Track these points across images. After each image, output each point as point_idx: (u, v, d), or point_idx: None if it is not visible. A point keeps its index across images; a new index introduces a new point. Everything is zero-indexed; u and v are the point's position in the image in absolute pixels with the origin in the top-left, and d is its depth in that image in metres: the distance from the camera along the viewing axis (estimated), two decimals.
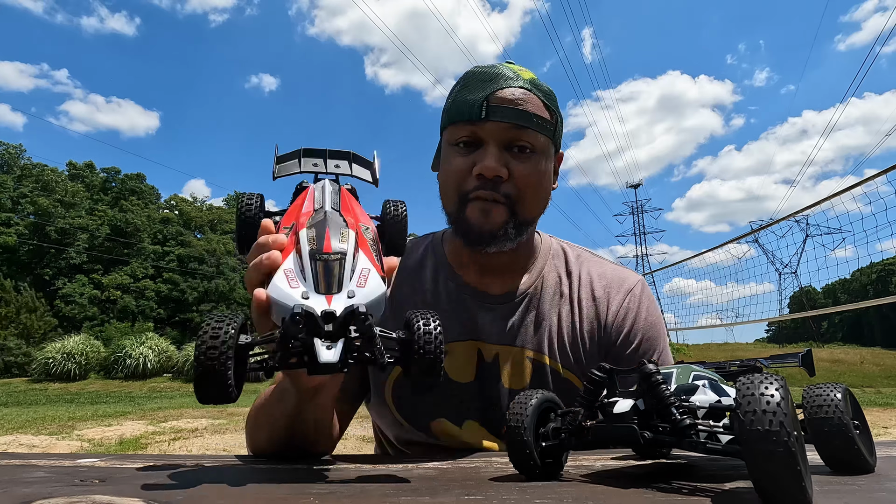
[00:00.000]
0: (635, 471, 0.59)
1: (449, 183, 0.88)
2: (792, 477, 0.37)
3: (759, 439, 0.38)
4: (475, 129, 0.84)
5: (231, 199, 44.38)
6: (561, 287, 0.95)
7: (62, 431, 6.54)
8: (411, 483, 0.53)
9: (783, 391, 0.39)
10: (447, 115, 0.89)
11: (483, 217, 0.84)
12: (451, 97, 0.89)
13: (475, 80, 0.86)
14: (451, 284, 0.95)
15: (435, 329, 0.51)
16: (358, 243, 0.55)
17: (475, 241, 0.86)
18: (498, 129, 0.83)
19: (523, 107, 0.83)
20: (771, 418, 0.37)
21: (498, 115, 0.82)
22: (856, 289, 57.15)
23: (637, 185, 59.62)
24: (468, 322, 0.92)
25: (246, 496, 0.47)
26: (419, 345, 0.50)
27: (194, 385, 0.45)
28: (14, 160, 33.36)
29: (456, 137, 0.86)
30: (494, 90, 0.83)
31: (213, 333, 0.45)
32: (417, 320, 0.52)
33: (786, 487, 0.38)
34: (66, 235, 29.26)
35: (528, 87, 0.85)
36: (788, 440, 0.37)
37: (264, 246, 0.56)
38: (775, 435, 0.37)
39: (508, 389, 0.90)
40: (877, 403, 10.35)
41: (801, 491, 0.37)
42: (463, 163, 0.85)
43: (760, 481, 0.39)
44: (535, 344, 0.91)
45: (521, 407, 0.53)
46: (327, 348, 0.47)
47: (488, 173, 0.82)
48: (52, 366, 18.30)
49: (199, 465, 0.62)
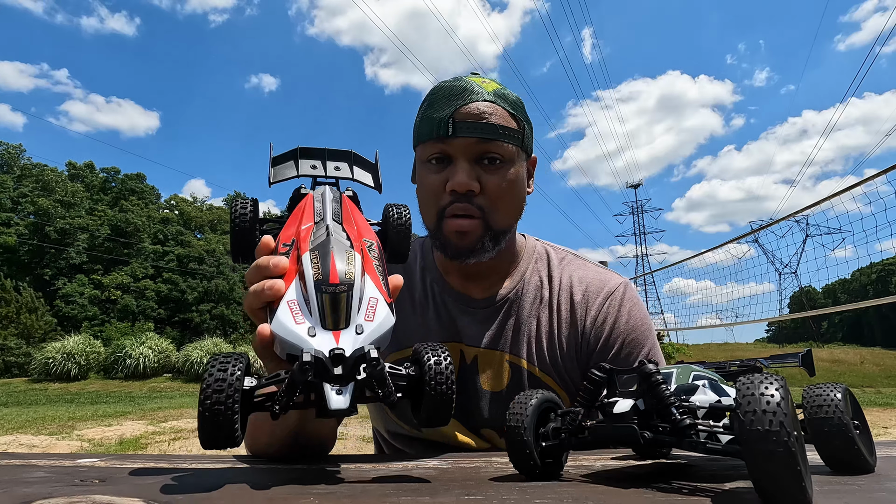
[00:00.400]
0: (635, 471, 0.59)
1: (425, 200, 0.90)
2: (792, 477, 0.37)
3: (759, 439, 0.37)
4: (444, 147, 0.86)
5: (231, 200, 44.37)
6: (542, 292, 0.97)
7: (62, 431, 6.54)
8: (411, 483, 0.53)
9: (783, 391, 0.39)
10: (416, 134, 0.91)
11: (459, 237, 0.87)
12: (419, 115, 0.91)
13: (440, 97, 0.87)
14: (437, 288, 0.98)
15: (447, 368, 0.50)
16: (364, 267, 0.53)
17: (454, 256, 0.89)
18: (465, 145, 0.85)
19: (489, 119, 0.85)
20: (771, 418, 0.37)
21: (464, 131, 0.84)
22: (856, 289, 57.14)
23: (637, 185, 59.62)
24: (450, 324, 0.95)
25: (246, 496, 0.47)
26: (430, 385, 0.49)
27: (199, 431, 0.44)
28: (14, 160, 33.37)
29: (427, 155, 0.88)
30: (459, 106, 0.85)
31: (219, 378, 0.44)
32: (428, 356, 0.50)
33: (786, 487, 0.38)
34: (66, 235, 29.26)
35: (491, 99, 0.86)
36: (788, 440, 0.37)
37: (265, 269, 0.54)
38: (775, 435, 0.37)
39: (488, 392, 0.93)
40: (877, 403, 10.35)
41: (801, 491, 0.37)
42: (436, 179, 0.87)
43: (760, 481, 0.38)
44: (513, 348, 0.93)
45: (522, 407, 0.53)
46: (337, 393, 0.46)
47: (460, 189, 0.84)
48: (52, 366, 18.30)
49: (199, 466, 0.62)
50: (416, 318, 0.97)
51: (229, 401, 0.43)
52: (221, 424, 0.43)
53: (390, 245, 0.64)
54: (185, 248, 32.19)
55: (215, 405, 0.43)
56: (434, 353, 0.51)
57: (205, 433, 0.44)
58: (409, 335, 0.95)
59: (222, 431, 0.44)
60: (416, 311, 0.97)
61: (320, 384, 0.46)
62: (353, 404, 0.46)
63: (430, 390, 0.49)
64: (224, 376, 0.44)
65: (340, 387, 0.46)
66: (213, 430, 0.44)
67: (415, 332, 0.95)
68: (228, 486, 0.50)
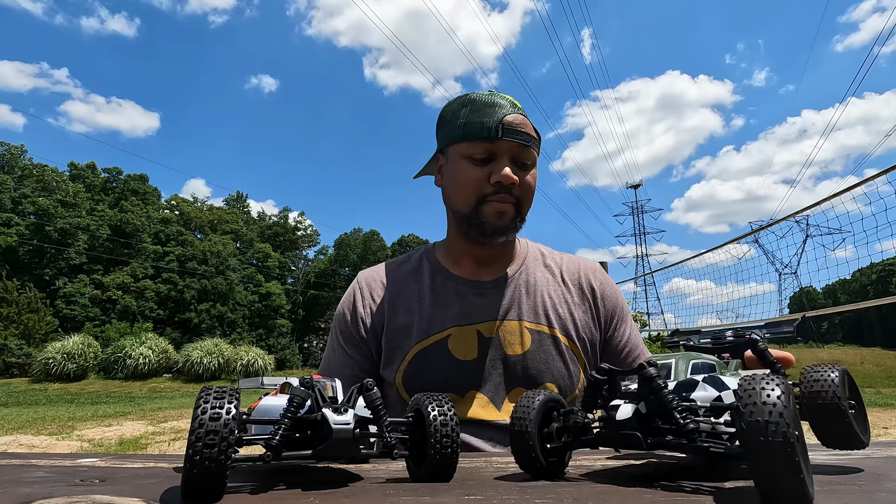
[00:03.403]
0: (635, 470, 0.59)
1: (463, 188, 1.04)
2: (791, 469, 0.37)
3: (758, 431, 0.38)
4: (492, 147, 1.01)
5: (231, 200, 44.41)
6: (545, 271, 1.14)
7: (62, 431, 6.54)
8: (411, 483, 0.53)
9: (783, 387, 0.39)
10: (461, 133, 1.03)
11: (497, 217, 1.03)
12: (459, 118, 1.04)
13: (482, 105, 1.03)
14: (449, 282, 1.11)
15: (450, 421, 0.50)
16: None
17: (489, 234, 1.04)
18: (510, 147, 1.01)
19: (525, 130, 1.02)
20: (771, 409, 0.38)
21: (510, 136, 1.00)
22: (856, 289, 57.13)
23: (637, 186, 59.65)
24: (466, 308, 1.07)
25: (246, 496, 0.47)
26: (435, 449, 0.49)
27: (183, 484, 0.41)
28: (15, 160, 33.38)
29: (473, 152, 1.02)
30: (504, 115, 1.01)
31: (210, 430, 0.40)
32: (431, 407, 0.50)
33: (785, 481, 0.37)
34: (66, 236, 29.27)
35: (523, 113, 1.04)
36: (787, 431, 0.37)
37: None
38: (775, 426, 0.37)
39: (511, 356, 1.04)
40: (877, 403, 10.36)
41: (801, 485, 0.37)
42: (481, 173, 1.02)
43: (760, 476, 0.38)
44: (529, 315, 1.07)
45: (525, 410, 0.54)
46: (336, 412, 0.46)
47: (508, 181, 1.00)
48: (52, 366, 18.32)
49: None
50: (435, 310, 1.07)
51: (221, 456, 0.40)
52: (210, 483, 0.41)
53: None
54: (185, 249, 32.21)
55: (205, 461, 0.40)
56: (437, 405, 0.50)
57: (189, 488, 0.41)
58: (430, 325, 1.06)
59: (210, 489, 0.41)
60: (434, 304, 1.08)
61: (319, 408, 0.46)
62: (355, 435, 0.46)
63: (434, 453, 0.49)
64: (216, 427, 0.40)
65: (341, 409, 0.46)
66: (202, 486, 0.41)
67: (435, 321, 1.06)
68: (228, 486, 0.50)
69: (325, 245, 45.75)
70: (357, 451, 0.48)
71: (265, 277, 36.53)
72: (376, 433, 0.50)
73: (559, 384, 1.04)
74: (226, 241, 34.30)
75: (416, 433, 0.52)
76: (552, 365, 1.04)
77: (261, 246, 38.85)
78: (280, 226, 44.21)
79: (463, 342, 1.04)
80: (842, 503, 0.42)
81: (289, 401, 0.47)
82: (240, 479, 0.55)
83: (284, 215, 45.22)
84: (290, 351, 34.17)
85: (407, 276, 1.13)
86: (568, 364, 1.05)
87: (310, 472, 0.59)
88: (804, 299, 46.59)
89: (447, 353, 1.03)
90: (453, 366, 1.02)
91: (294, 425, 0.48)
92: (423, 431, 0.51)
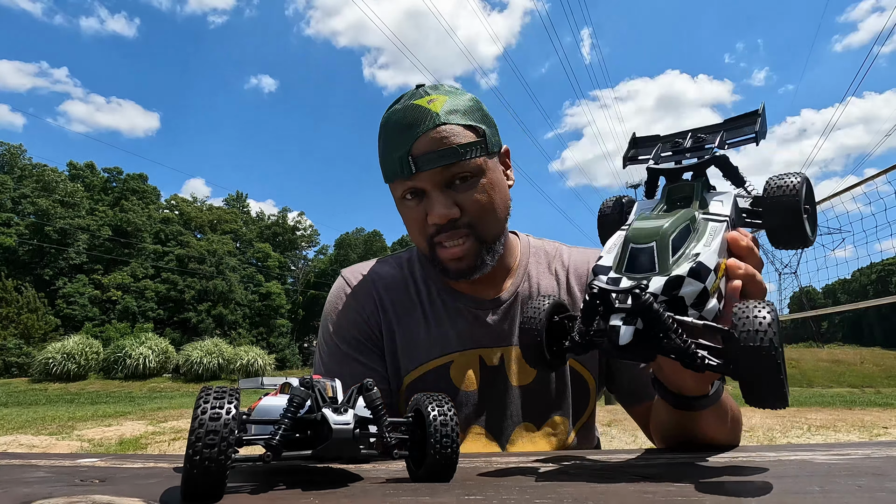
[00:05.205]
0: (636, 470, 0.59)
1: (413, 231, 0.92)
2: (775, 373, 0.42)
3: (749, 341, 0.42)
4: (412, 184, 0.86)
5: (231, 199, 44.41)
6: (550, 279, 1.01)
7: (62, 431, 6.54)
8: (411, 483, 0.53)
9: (770, 307, 0.45)
10: (383, 173, 0.91)
11: (456, 262, 0.89)
12: (379, 152, 0.91)
13: (392, 132, 0.86)
14: (446, 296, 0.97)
15: (450, 422, 0.50)
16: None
17: (456, 278, 0.92)
18: (431, 176, 0.84)
19: (447, 143, 0.83)
20: (760, 319, 0.43)
21: (426, 164, 0.83)
22: (856, 289, 57.18)
23: (637, 186, 59.56)
24: (466, 331, 0.95)
25: (246, 496, 0.47)
26: (435, 449, 0.49)
27: (183, 485, 0.41)
28: (15, 160, 33.38)
29: (399, 193, 0.89)
30: (413, 141, 0.83)
31: (210, 430, 0.40)
32: (431, 407, 0.50)
33: (768, 383, 0.43)
34: (66, 236, 29.28)
35: (443, 120, 0.84)
36: (773, 339, 0.42)
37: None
38: (763, 332, 0.42)
39: (517, 387, 0.93)
40: (877, 403, 10.36)
41: (781, 385, 0.43)
42: (417, 213, 0.88)
43: (747, 379, 0.43)
44: None
45: (536, 311, 0.57)
46: (335, 411, 0.46)
47: (441, 220, 0.85)
48: (52, 366, 18.33)
49: None
50: (432, 329, 0.95)
51: (221, 457, 0.40)
52: (210, 483, 0.41)
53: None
54: (184, 248, 32.22)
55: (205, 461, 0.40)
56: (437, 405, 0.50)
57: (189, 488, 0.41)
58: (429, 348, 0.94)
59: (210, 489, 0.41)
60: (431, 323, 0.96)
61: (319, 408, 0.47)
62: (355, 435, 0.47)
63: (434, 453, 0.49)
64: (216, 427, 0.40)
65: (341, 409, 0.47)
66: (202, 486, 0.41)
67: (435, 344, 0.94)
68: (228, 486, 0.50)
69: (324, 245, 45.80)
70: (357, 451, 0.48)
71: (265, 277, 36.58)
72: (376, 433, 0.50)
73: (568, 415, 0.95)
74: (226, 241, 34.32)
75: (415, 433, 0.52)
76: (563, 396, 0.95)
77: (260, 246, 38.90)
78: (280, 225, 44.27)
79: (465, 370, 0.93)
80: (842, 503, 0.42)
81: (289, 401, 0.47)
82: (240, 479, 0.54)
83: (284, 215, 45.26)
84: (290, 351, 34.20)
85: (398, 284, 0.99)
86: (579, 393, 0.96)
87: (310, 472, 0.59)
88: (804, 299, 46.63)
89: (448, 381, 0.92)
90: (454, 396, 0.92)
91: (294, 425, 0.48)
92: (423, 431, 0.51)
